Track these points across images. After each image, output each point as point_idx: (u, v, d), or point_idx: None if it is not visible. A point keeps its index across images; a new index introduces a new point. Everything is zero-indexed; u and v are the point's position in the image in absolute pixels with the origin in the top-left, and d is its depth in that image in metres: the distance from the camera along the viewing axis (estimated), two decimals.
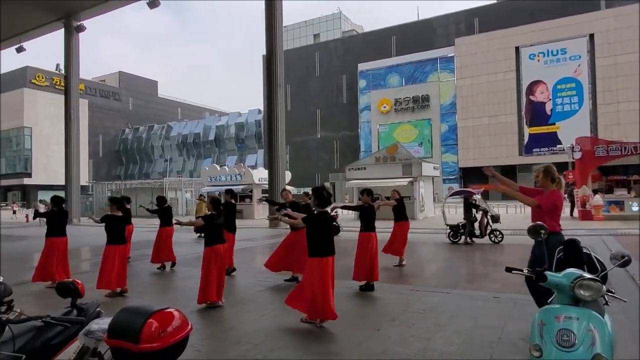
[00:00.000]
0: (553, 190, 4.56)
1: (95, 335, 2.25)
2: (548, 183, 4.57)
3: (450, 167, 48.38)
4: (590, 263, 3.00)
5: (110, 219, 6.91)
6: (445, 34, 50.93)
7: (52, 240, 7.53)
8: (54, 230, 7.57)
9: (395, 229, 9.27)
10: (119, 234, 6.93)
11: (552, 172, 4.60)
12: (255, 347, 4.41)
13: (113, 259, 6.70)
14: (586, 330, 2.20)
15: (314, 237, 5.00)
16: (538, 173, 4.67)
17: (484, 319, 5.14)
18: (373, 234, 7.01)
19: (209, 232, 6.11)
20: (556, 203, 4.52)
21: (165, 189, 30.86)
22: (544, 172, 4.59)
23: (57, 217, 7.63)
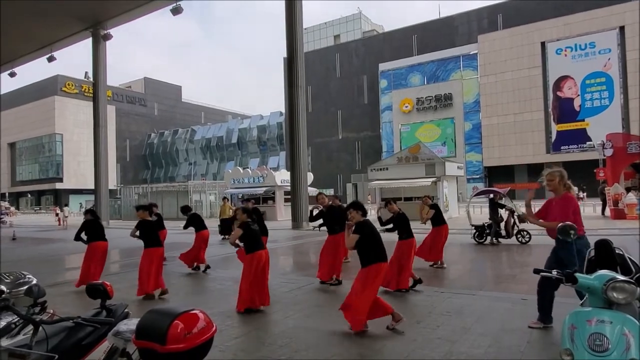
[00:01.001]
0: (566, 194, 4.46)
1: (123, 335, 2.31)
2: (561, 188, 4.48)
3: (475, 167, 47.57)
4: (624, 264, 2.90)
5: (144, 225, 7.11)
6: (468, 31, 50.16)
7: (92, 245, 7.90)
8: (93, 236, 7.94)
9: (434, 233, 9.02)
10: (154, 237, 7.13)
11: (566, 177, 4.53)
12: (280, 348, 4.43)
13: (150, 262, 6.90)
14: (620, 334, 2.12)
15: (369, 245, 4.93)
16: (552, 177, 4.54)
17: (511, 322, 5.02)
18: (413, 239, 7.07)
19: (248, 239, 5.97)
20: (573, 207, 4.40)
21: (189, 192, 31.35)
22: (560, 177, 4.49)
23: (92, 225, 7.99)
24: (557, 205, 4.45)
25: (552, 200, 4.59)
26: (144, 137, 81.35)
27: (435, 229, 9.03)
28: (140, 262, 7.02)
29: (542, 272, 2.62)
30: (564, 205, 4.39)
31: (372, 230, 4.99)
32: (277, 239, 15.71)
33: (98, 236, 7.97)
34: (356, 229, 4.96)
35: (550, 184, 4.55)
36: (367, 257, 4.88)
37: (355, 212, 5.11)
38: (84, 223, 8.01)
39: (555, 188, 4.52)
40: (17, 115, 69.13)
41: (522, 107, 44.44)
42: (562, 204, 4.41)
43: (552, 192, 4.61)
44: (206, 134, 75.10)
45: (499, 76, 45.84)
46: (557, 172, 4.57)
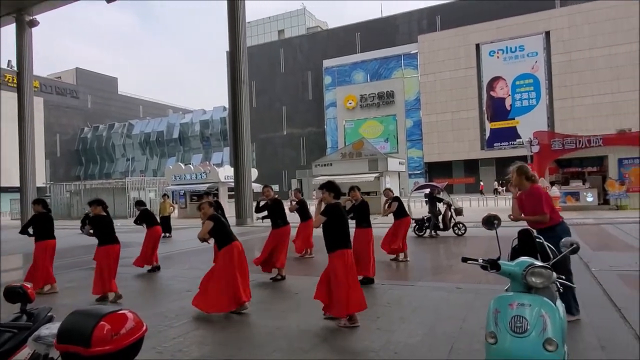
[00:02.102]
0: (532, 186, 4.58)
1: (45, 340, 2.15)
2: (523, 182, 4.59)
3: (416, 162, 49.29)
4: (543, 251, 3.12)
5: (99, 221, 6.65)
6: (408, 31, 51.73)
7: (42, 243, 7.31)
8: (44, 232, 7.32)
9: (396, 225, 9.01)
10: (111, 233, 6.67)
11: (525, 170, 4.62)
12: (220, 346, 4.36)
13: (108, 260, 6.48)
14: (538, 316, 2.29)
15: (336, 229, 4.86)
16: (512, 173, 4.64)
17: (446, 310, 5.27)
18: (371, 229, 7.11)
19: (220, 232, 5.59)
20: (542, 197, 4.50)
21: (127, 189, 29.97)
22: (517, 172, 4.60)
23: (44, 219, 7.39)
24: (528, 198, 4.56)
25: (522, 195, 4.68)
26: (76, 131, 76.34)
27: (397, 222, 9.03)
28: (97, 260, 6.55)
29: (469, 260, 2.76)
30: (535, 197, 4.50)
31: (342, 214, 4.95)
32: None
33: (49, 233, 7.32)
34: (325, 211, 4.88)
35: (512, 180, 4.65)
36: (332, 242, 4.83)
37: (329, 194, 4.98)
38: (34, 216, 7.31)
39: (518, 183, 4.62)
40: None
41: (459, 105, 46.58)
42: (532, 196, 4.52)
43: (517, 187, 4.68)
44: (145, 129, 71.89)
45: (438, 75, 47.71)
46: (514, 168, 4.66)
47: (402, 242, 8.90)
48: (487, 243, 10.32)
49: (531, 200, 4.51)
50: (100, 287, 6.44)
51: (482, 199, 28.09)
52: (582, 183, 19.30)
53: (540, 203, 4.44)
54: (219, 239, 5.60)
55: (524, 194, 4.61)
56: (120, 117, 77.99)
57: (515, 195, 4.73)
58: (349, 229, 4.98)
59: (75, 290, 7.33)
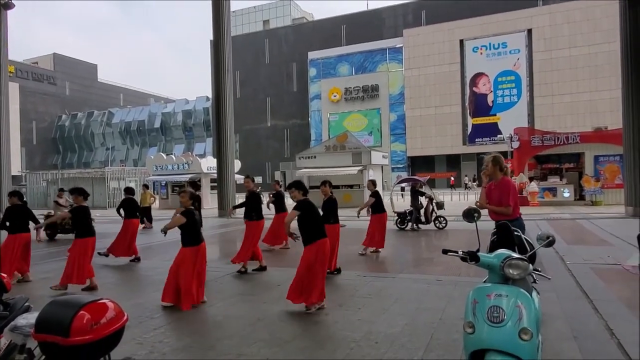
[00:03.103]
0: (503, 178, 4.65)
1: (22, 330, 2.12)
2: (497, 172, 4.64)
3: (399, 156, 49.64)
4: (521, 244, 3.20)
5: (80, 211, 6.48)
6: (394, 25, 51.82)
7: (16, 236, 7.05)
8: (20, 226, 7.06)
9: (375, 221, 8.96)
10: (90, 225, 6.55)
11: (501, 161, 4.69)
12: (202, 337, 4.35)
13: (85, 253, 6.37)
14: (514, 306, 2.36)
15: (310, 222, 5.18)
16: (487, 163, 4.70)
17: (426, 301, 5.36)
18: (338, 225, 7.21)
19: (190, 230, 5.46)
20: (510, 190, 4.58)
21: (107, 178, 29.44)
22: (492, 162, 4.65)
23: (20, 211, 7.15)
24: (496, 189, 4.61)
25: (491, 185, 4.74)
26: (53, 118, 74.46)
27: (375, 217, 8.98)
28: (72, 253, 6.40)
29: (449, 252, 2.82)
30: (503, 189, 4.55)
31: (312, 207, 5.23)
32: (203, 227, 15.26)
33: (24, 226, 7.09)
34: (297, 206, 5.18)
35: (486, 170, 4.71)
36: (310, 235, 5.11)
37: (297, 192, 5.29)
38: (8, 208, 7.09)
39: (491, 173, 4.67)
40: None
41: (442, 100, 46.99)
42: (501, 188, 4.57)
43: (489, 176, 4.74)
44: (126, 118, 70.57)
45: (422, 70, 47.99)
46: (490, 158, 4.71)
47: (382, 238, 8.97)
48: (468, 236, 10.50)
49: (499, 191, 4.57)
50: (68, 279, 6.33)
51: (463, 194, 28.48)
52: (559, 179, 19.74)
53: (508, 195, 4.50)
54: (188, 237, 5.50)
55: (494, 184, 4.67)
56: (100, 105, 76.36)
57: (485, 184, 4.82)
58: (321, 220, 5.37)
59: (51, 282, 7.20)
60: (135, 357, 3.83)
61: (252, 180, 8.30)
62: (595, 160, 18.81)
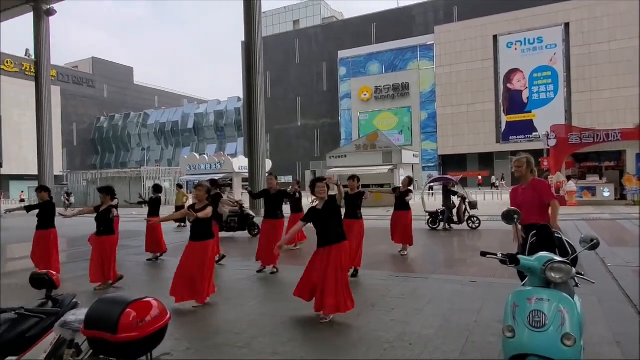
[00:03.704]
0: (534, 179, 4.48)
1: (71, 326, 2.22)
2: (529, 174, 4.48)
3: (430, 155, 48.91)
4: (562, 247, 3.10)
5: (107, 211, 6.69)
6: (425, 22, 51.06)
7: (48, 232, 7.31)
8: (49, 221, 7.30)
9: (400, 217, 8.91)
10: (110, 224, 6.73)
11: (532, 163, 4.53)
12: (236, 335, 4.43)
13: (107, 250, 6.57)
14: (556, 311, 2.29)
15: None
16: (520, 164, 4.50)
17: (461, 303, 5.27)
18: (361, 221, 7.09)
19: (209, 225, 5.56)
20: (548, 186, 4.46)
21: (143, 178, 30.35)
22: (527, 164, 4.47)
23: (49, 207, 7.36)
24: (529, 190, 4.39)
25: (518, 189, 4.54)
26: (92, 120, 77.34)
27: (400, 213, 8.93)
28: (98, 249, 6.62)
29: (487, 254, 2.76)
30: (540, 189, 4.37)
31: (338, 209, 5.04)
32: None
33: (51, 222, 7.35)
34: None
35: (518, 171, 4.51)
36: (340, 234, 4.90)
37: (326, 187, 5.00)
38: (42, 204, 7.31)
39: (523, 175, 4.50)
40: None
41: (474, 97, 45.98)
42: (536, 188, 4.39)
43: (520, 178, 4.56)
44: (160, 119, 72.51)
45: (454, 67, 47.09)
46: (524, 159, 4.51)
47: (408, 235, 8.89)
48: (502, 237, 10.24)
49: (535, 192, 4.36)
50: (99, 276, 6.53)
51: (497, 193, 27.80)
52: (599, 178, 18.98)
53: (549, 191, 4.36)
54: (205, 230, 5.54)
55: (523, 187, 4.46)
56: (135, 106, 78.76)
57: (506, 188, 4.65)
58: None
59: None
60: (173, 353, 3.94)
61: (274, 178, 8.17)
62: (637, 158, 17.98)
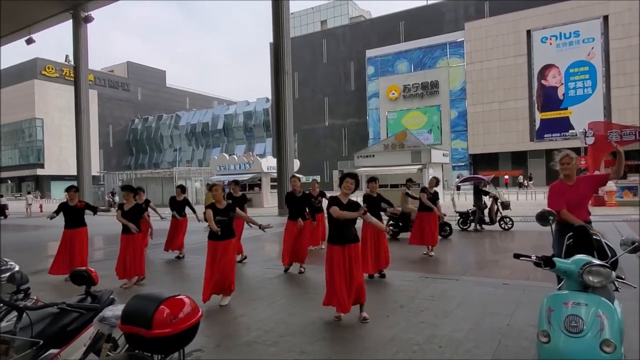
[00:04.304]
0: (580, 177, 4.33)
1: (109, 321, 2.31)
2: (575, 172, 4.25)
3: (460, 154, 48.00)
4: (600, 249, 2.99)
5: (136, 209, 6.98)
6: (455, 18, 50.13)
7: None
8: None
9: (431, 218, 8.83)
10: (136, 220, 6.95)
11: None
12: (266, 333, 4.48)
13: (134, 248, 6.81)
14: (594, 316, 2.20)
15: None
16: (570, 160, 4.19)
17: (493, 306, 5.15)
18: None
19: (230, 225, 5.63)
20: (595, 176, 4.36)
21: (175, 178, 31.09)
22: (575, 161, 4.22)
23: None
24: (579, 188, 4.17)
25: (564, 185, 4.24)
26: (127, 122, 79.98)
27: (424, 215, 8.85)
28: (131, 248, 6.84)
29: (521, 256, 2.69)
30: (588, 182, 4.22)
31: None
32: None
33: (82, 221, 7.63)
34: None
35: (568, 168, 4.19)
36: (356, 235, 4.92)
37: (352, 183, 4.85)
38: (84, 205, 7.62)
39: (573, 172, 4.23)
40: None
41: (507, 95, 44.81)
42: (585, 183, 4.20)
43: (567, 176, 4.25)
44: (191, 120, 74.18)
45: (485, 64, 46.04)
46: (573, 154, 4.25)
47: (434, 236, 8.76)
48: (536, 238, 9.95)
49: (584, 186, 4.17)
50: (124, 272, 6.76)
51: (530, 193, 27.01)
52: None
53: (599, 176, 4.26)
54: (229, 230, 5.61)
55: (569, 185, 4.21)
56: (168, 108, 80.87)
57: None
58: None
59: None
60: (205, 349, 4.03)
61: (298, 180, 8.11)
62: None
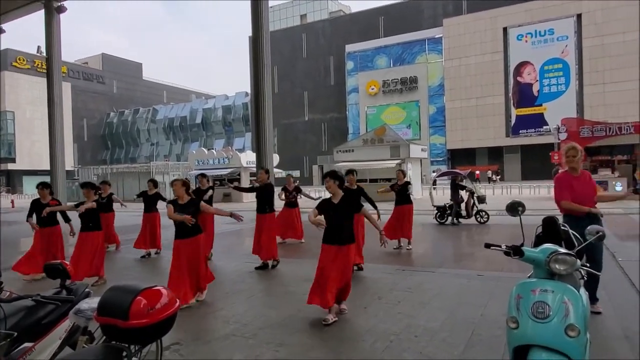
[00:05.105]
0: (584, 171, 4.42)
1: (85, 314, 2.30)
2: (580, 165, 4.35)
3: (438, 149, 48.67)
4: (568, 239, 3.11)
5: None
6: (433, 14, 50.62)
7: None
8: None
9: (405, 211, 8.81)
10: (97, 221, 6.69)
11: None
12: (244, 326, 4.50)
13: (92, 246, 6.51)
14: (560, 302, 2.30)
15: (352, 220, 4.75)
16: (575, 152, 4.26)
17: (467, 297, 5.28)
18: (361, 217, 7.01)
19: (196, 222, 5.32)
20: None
21: (152, 173, 30.64)
22: (581, 154, 4.31)
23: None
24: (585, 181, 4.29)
25: (570, 177, 4.34)
26: (102, 116, 78.08)
27: (400, 208, 8.83)
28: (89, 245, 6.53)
29: (492, 246, 2.78)
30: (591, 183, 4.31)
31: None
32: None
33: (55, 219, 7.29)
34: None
35: (574, 161, 4.27)
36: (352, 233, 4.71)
37: (333, 182, 4.70)
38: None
39: (578, 165, 4.32)
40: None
41: (484, 91, 45.60)
42: (588, 180, 4.32)
43: (572, 169, 4.35)
44: (169, 114, 72.97)
45: (463, 60, 46.71)
46: (579, 147, 4.33)
47: (408, 230, 8.77)
48: (510, 231, 10.21)
49: (590, 182, 4.30)
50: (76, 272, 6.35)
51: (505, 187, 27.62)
52: (611, 172, 18.79)
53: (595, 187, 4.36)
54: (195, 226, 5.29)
55: (575, 177, 4.31)
56: (144, 102, 79.32)
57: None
58: None
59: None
60: (182, 342, 4.02)
61: (265, 172, 8.04)
62: None
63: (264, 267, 7.30)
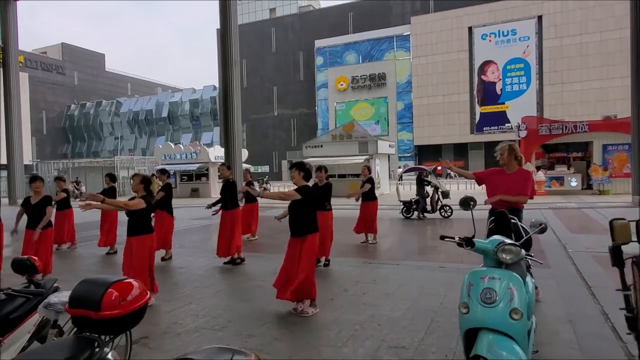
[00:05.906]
0: (520, 169, 4.65)
1: (55, 307, 2.34)
2: (513, 162, 4.63)
3: (406, 145, 49.55)
4: (517, 231, 3.37)
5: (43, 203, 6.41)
6: (402, 12, 51.32)
7: None
8: None
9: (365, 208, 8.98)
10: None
11: (516, 151, 4.67)
12: (213, 319, 4.58)
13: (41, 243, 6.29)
14: (506, 288, 2.52)
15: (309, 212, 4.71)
16: (502, 151, 4.64)
17: (429, 287, 5.54)
18: (330, 212, 7.15)
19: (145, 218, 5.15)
20: (530, 181, 4.63)
21: (116, 167, 29.85)
22: (509, 151, 4.61)
23: None
24: (510, 179, 4.56)
25: (503, 171, 4.66)
26: (62, 108, 74.96)
27: (366, 204, 8.95)
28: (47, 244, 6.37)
29: (446, 237, 2.99)
30: (520, 179, 4.54)
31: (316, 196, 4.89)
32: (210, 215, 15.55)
33: None
34: (298, 190, 4.63)
35: (501, 158, 4.65)
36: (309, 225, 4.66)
37: (298, 173, 4.72)
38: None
39: (508, 162, 4.63)
40: None
41: (450, 89, 46.68)
42: (517, 178, 4.56)
43: (504, 165, 4.69)
44: (133, 107, 70.91)
45: (430, 58, 47.63)
46: (506, 146, 4.65)
47: (372, 225, 8.99)
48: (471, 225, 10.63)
49: (513, 181, 4.54)
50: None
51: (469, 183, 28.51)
52: (567, 168, 19.72)
53: (527, 185, 4.53)
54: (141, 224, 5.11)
55: (508, 173, 4.63)
56: (108, 94, 76.70)
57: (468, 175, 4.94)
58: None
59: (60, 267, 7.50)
60: (151, 337, 4.07)
61: (227, 168, 8.00)
62: (603, 149, 18.77)
63: (232, 262, 7.36)
